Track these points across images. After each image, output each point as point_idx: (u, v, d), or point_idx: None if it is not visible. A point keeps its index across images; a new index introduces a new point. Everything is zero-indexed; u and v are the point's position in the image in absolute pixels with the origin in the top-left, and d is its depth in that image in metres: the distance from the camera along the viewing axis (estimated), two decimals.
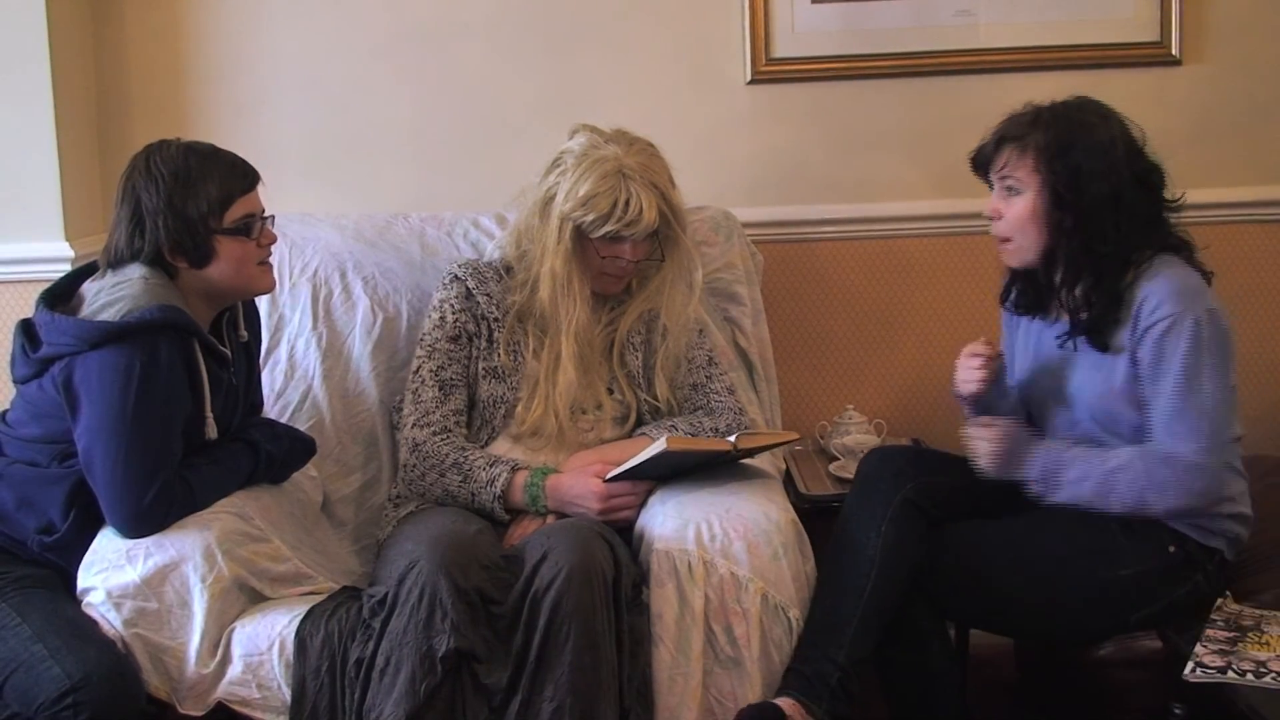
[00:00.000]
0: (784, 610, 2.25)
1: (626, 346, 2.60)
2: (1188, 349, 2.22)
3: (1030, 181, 2.30)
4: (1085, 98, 2.36)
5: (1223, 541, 2.35)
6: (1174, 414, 2.23)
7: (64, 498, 2.28)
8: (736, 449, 2.40)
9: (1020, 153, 2.31)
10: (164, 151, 2.31)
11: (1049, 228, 2.30)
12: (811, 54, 3.12)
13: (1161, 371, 2.24)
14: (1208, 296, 2.29)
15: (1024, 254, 2.36)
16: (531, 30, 3.13)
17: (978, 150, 2.39)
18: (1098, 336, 2.31)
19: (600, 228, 2.45)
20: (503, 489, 2.42)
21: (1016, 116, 2.35)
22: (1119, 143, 2.29)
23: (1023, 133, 2.32)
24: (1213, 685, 2.09)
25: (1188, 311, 2.23)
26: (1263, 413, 3.15)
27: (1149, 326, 2.24)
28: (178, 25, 3.12)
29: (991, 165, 2.36)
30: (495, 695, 2.14)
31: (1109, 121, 2.31)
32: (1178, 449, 2.23)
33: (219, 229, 2.30)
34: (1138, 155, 2.31)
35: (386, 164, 3.16)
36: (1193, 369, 2.22)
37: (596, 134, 2.52)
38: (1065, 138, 2.28)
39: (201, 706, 2.25)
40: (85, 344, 2.20)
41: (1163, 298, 2.24)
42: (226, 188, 2.30)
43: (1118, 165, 2.27)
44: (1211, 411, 2.23)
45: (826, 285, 3.18)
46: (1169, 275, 2.27)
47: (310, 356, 2.79)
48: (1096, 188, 2.26)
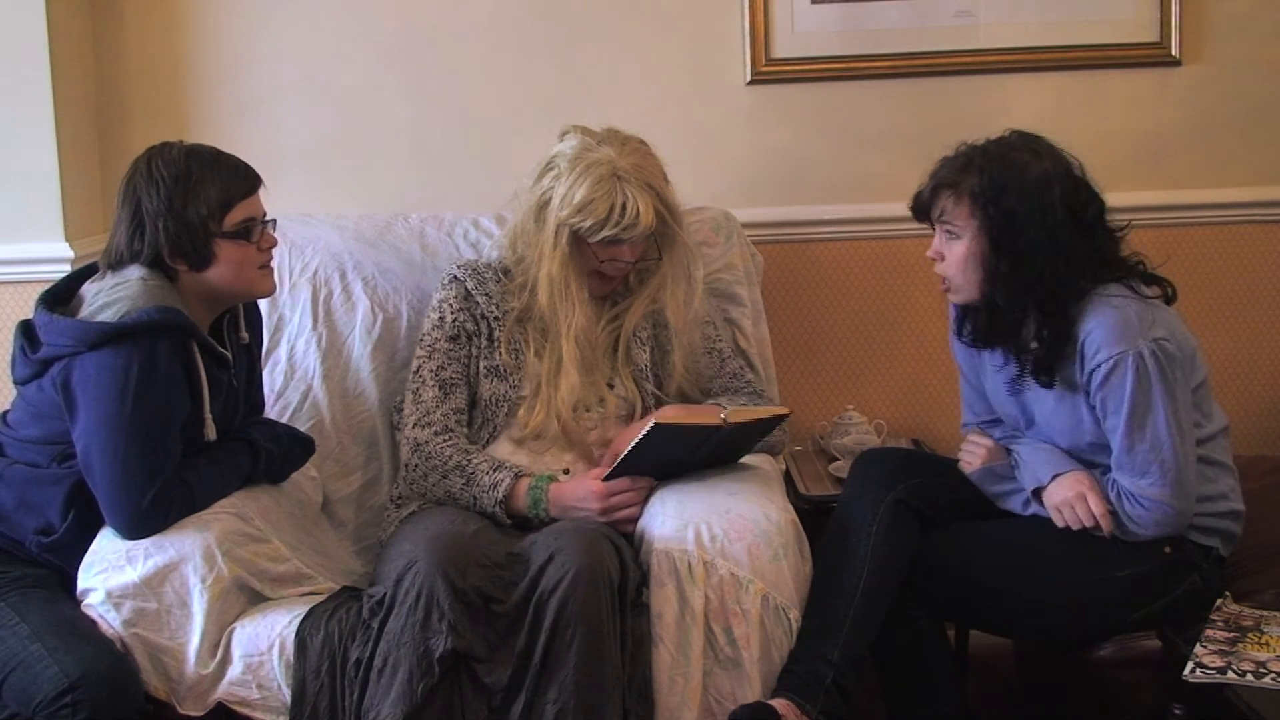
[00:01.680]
0: (784, 611, 2.25)
1: (633, 342, 2.60)
2: (1132, 388, 2.23)
3: (967, 226, 2.31)
4: (1019, 133, 2.35)
5: (1217, 539, 2.36)
6: (1126, 451, 2.26)
7: (62, 498, 2.28)
8: (726, 423, 2.39)
9: (956, 199, 2.31)
10: (165, 154, 2.31)
11: (986, 271, 2.31)
12: (811, 54, 3.11)
13: (1110, 411, 2.26)
14: (1150, 326, 2.26)
15: (965, 294, 2.37)
16: (532, 30, 3.13)
17: (915, 198, 2.40)
18: (1045, 375, 2.32)
19: (598, 233, 2.45)
20: (505, 494, 2.42)
21: (950, 160, 2.35)
22: (1053, 181, 2.28)
23: (957, 179, 2.31)
24: (1213, 685, 2.09)
25: (1127, 351, 2.23)
26: (1262, 412, 3.15)
27: (1093, 370, 2.26)
28: (178, 26, 3.12)
29: (930, 210, 2.36)
30: (495, 695, 2.14)
31: (1041, 159, 2.30)
32: (1137, 484, 2.26)
33: (219, 232, 2.30)
34: (1076, 190, 2.29)
35: (386, 164, 3.16)
36: (1140, 407, 2.23)
37: (588, 135, 2.52)
38: (998, 181, 2.27)
39: (201, 707, 2.25)
40: (83, 345, 2.20)
41: (1101, 340, 2.24)
42: (227, 191, 2.31)
43: (1053, 205, 2.26)
44: (1164, 445, 2.24)
45: (826, 285, 3.18)
46: (1106, 313, 2.26)
47: (310, 357, 2.79)
48: (1032, 231, 2.25)
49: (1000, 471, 2.41)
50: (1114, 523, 2.28)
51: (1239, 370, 3.16)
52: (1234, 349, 3.15)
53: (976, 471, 2.43)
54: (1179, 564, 2.32)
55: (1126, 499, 2.27)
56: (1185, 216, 3.09)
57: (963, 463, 2.46)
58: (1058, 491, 2.31)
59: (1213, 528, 2.35)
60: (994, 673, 2.85)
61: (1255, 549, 2.45)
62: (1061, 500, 2.30)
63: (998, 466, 2.41)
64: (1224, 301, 3.13)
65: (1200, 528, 2.34)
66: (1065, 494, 2.30)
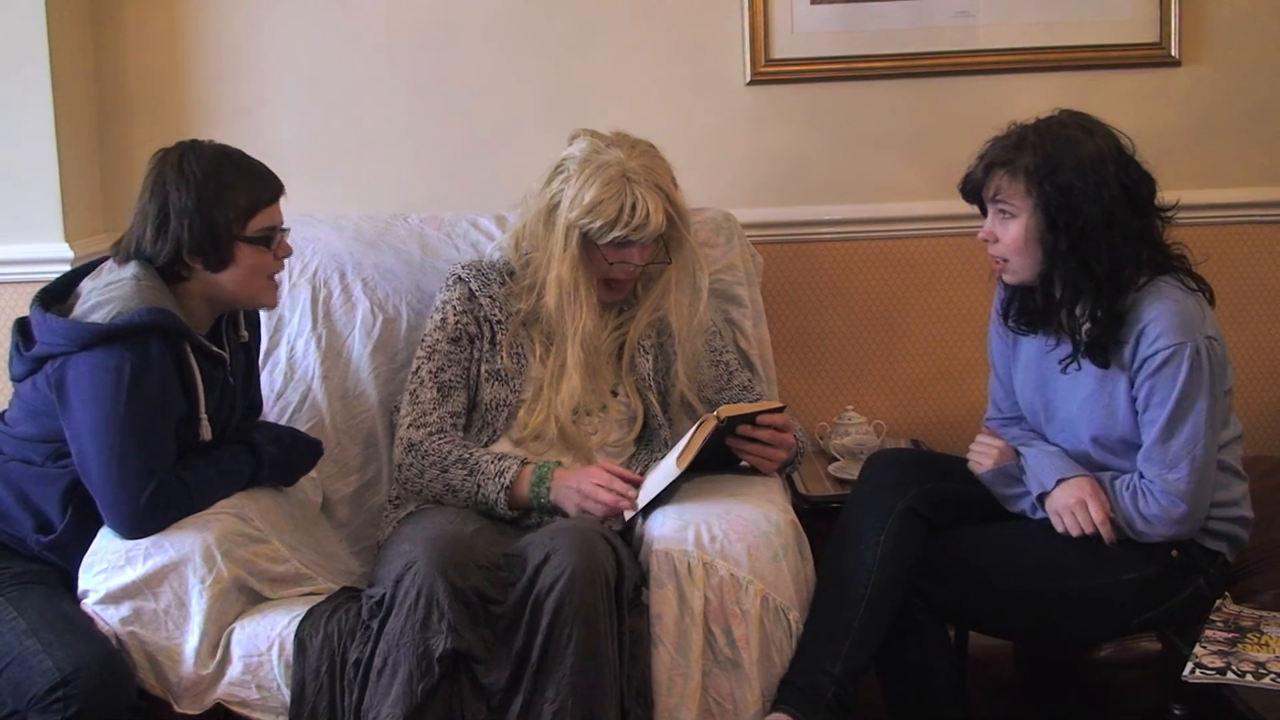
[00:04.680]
0: (784, 612, 2.25)
1: (637, 350, 2.60)
2: (1185, 379, 2.22)
3: (1023, 205, 2.29)
4: (1069, 111, 2.34)
5: (1224, 544, 2.36)
6: (1162, 442, 2.25)
7: (59, 496, 2.29)
8: (720, 420, 2.38)
9: (1010, 177, 2.30)
10: (198, 152, 2.31)
11: (1044, 250, 2.29)
12: (811, 55, 3.11)
13: (1157, 400, 2.25)
14: (1207, 323, 2.28)
15: (1021, 274, 2.35)
16: (531, 32, 3.13)
17: (966, 178, 2.38)
18: (1100, 354, 2.30)
19: (608, 234, 2.45)
20: (511, 480, 2.41)
21: (1002, 139, 2.34)
22: (1107, 157, 2.27)
23: (1010, 156, 2.30)
24: (1212, 686, 2.10)
25: (1187, 342, 2.23)
26: (1263, 413, 3.16)
27: (1149, 355, 2.24)
28: (178, 26, 3.12)
29: (983, 190, 2.34)
30: (494, 695, 2.14)
31: (1094, 135, 2.29)
32: (1163, 477, 2.25)
33: (241, 236, 2.30)
34: (1127, 167, 2.29)
35: (386, 165, 3.16)
36: (1187, 399, 2.23)
37: (597, 138, 2.52)
38: (1053, 158, 2.26)
39: (199, 706, 2.25)
40: (76, 345, 2.21)
41: (1164, 328, 2.24)
42: (254, 196, 2.31)
43: (1108, 181, 2.25)
44: (1200, 442, 2.24)
45: (826, 286, 3.18)
46: (1169, 302, 2.27)
47: (310, 358, 2.79)
48: (1088, 207, 2.24)
49: (1012, 472, 2.40)
50: (1122, 523, 2.28)
51: (1239, 370, 3.13)
52: (1234, 349, 3.08)
53: (988, 473, 2.42)
54: (1186, 568, 2.32)
55: (1144, 496, 2.26)
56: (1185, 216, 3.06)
57: (973, 463, 2.45)
58: (1060, 497, 2.31)
59: (1222, 532, 2.35)
60: (994, 673, 2.85)
61: (1255, 550, 2.45)
62: (1062, 505, 2.30)
63: (1009, 467, 2.40)
64: (1224, 302, 3.08)
65: (1210, 531, 2.33)
66: (1067, 499, 2.30)
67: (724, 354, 2.69)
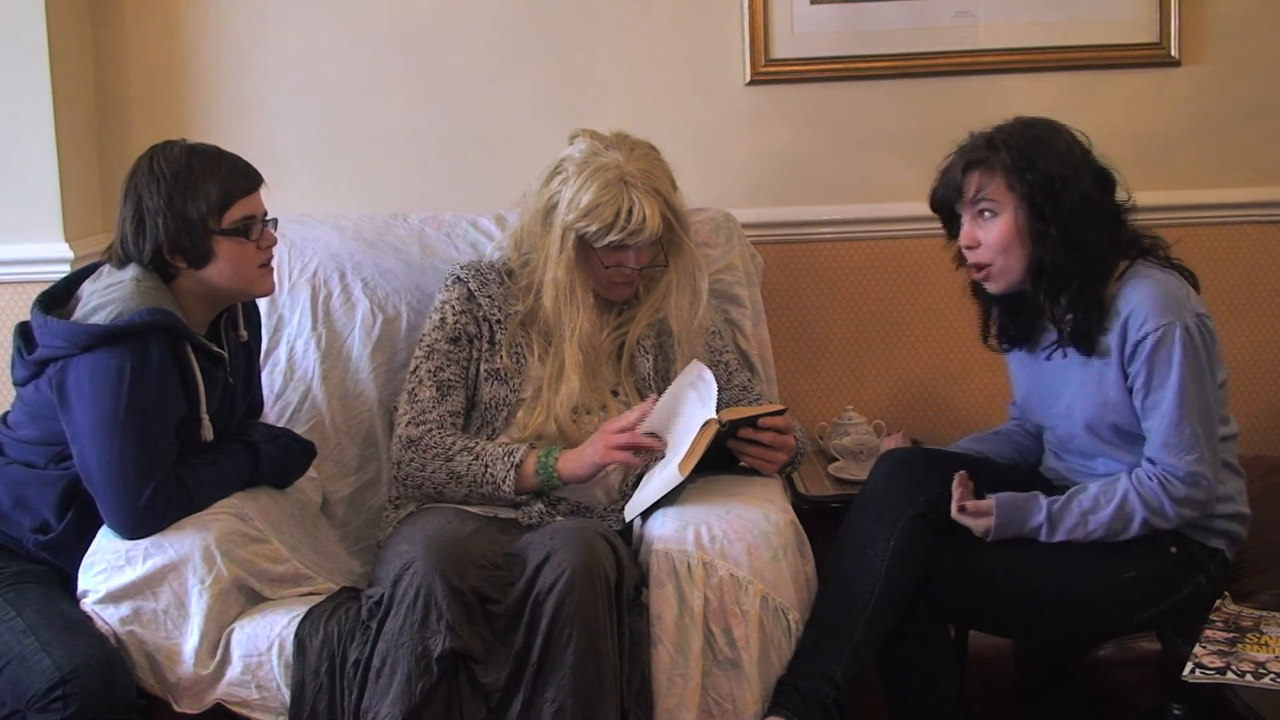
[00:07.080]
0: (784, 612, 2.25)
1: (637, 350, 2.60)
2: (1181, 360, 2.23)
3: (1007, 200, 2.29)
4: (1027, 118, 2.36)
5: (1223, 541, 2.36)
6: (1173, 426, 2.24)
7: (58, 498, 2.29)
8: (723, 424, 2.38)
9: (989, 174, 2.30)
10: (167, 152, 2.32)
11: (1032, 241, 2.29)
12: (811, 55, 3.11)
13: (1157, 384, 2.25)
14: (1191, 299, 2.29)
15: (1010, 275, 2.34)
16: (532, 31, 3.13)
17: (940, 185, 2.37)
18: (1085, 340, 2.31)
19: (604, 237, 2.45)
20: (520, 459, 2.41)
21: (972, 143, 2.35)
22: (1075, 148, 2.31)
23: (984, 155, 2.30)
24: (1212, 686, 2.10)
25: (1174, 322, 2.23)
26: (1261, 412, 3.16)
27: (1139, 340, 2.25)
28: (178, 26, 3.12)
29: (961, 194, 2.34)
30: (493, 695, 2.14)
31: (1059, 132, 2.32)
32: (1176, 463, 2.24)
33: (217, 230, 2.30)
34: (1091, 159, 2.32)
35: (386, 165, 3.16)
36: (1188, 379, 2.23)
37: (596, 140, 2.52)
38: (1028, 151, 2.27)
39: (198, 706, 2.25)
40: (76, 347, 2.21)
41: (1150, 310, 2.24)
42: (226, 189, 2.31)
43: (1081, 169, 2.28)
44: (1206, 420, 2.25)
45: (826, 286, 3.18)
46: (1151, 284, 2.28)
47: (310, 358, 2.79)
48: (1071, 193, 2.26)
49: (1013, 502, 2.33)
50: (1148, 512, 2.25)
51: (1239, 370, 3.14)
52: (1234, 349, 3.14)
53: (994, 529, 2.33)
54: (1186, 565, 2.32)
55: (1168, 482, 2.25)
56: (1185, 216, 3.08)
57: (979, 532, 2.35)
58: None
59: (1220, 530, 2.35)
60: (994, 673, 2.85)
61: (1255, 549, 2.45)
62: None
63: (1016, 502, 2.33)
64: (1224, 302, 3.11)
65: (1208, 529, 2.34)
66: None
67: (723, 354, 2.69)
